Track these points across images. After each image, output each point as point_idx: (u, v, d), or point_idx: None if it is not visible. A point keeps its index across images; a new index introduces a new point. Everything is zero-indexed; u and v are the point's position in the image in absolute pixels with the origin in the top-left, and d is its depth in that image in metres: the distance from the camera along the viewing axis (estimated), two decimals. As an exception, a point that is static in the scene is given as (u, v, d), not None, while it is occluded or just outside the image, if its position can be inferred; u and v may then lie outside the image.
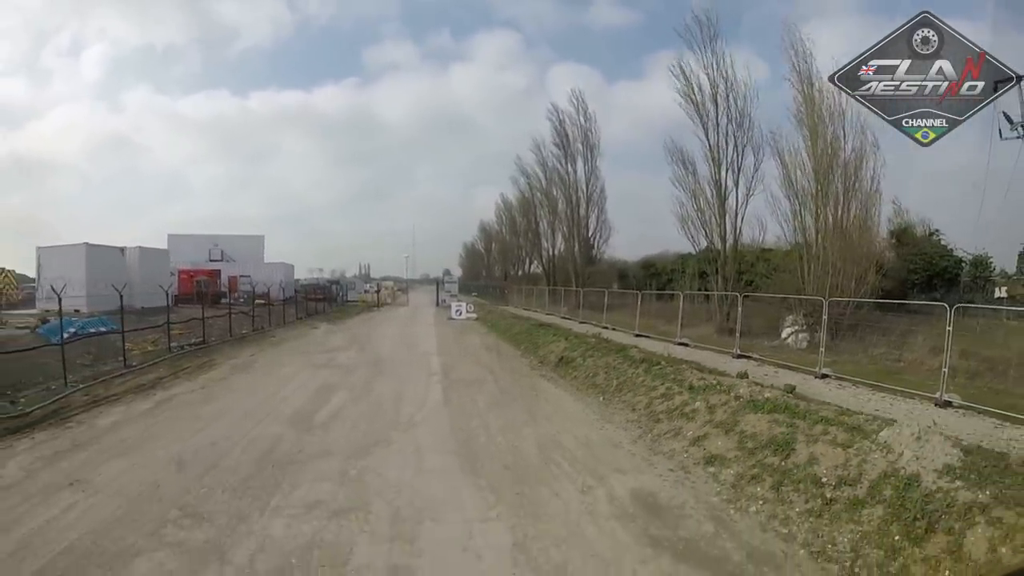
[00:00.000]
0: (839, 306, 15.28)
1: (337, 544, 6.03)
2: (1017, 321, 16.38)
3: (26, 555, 5.76)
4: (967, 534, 5.47)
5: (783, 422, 8.40)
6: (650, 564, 5.74)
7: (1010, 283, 22.62)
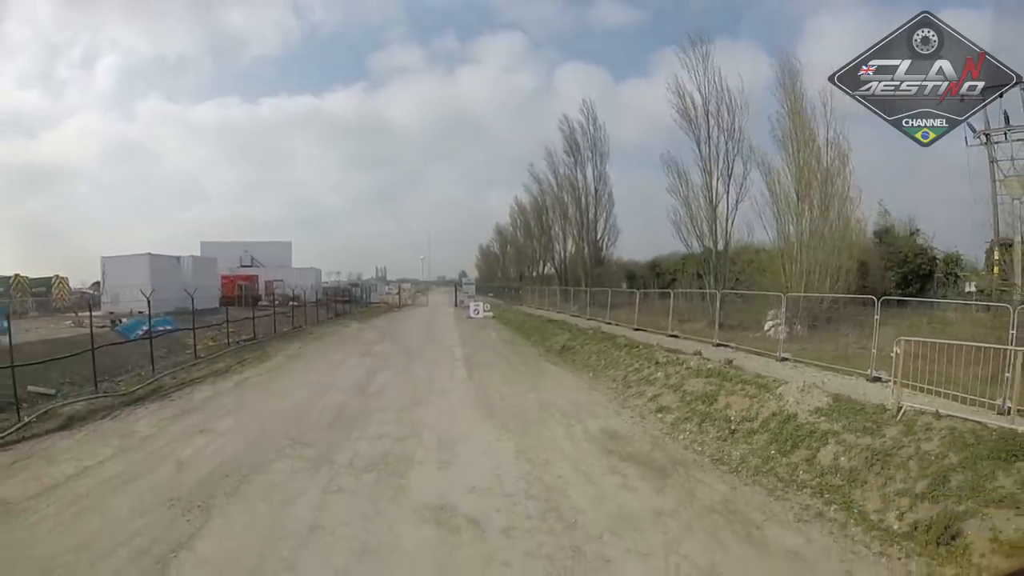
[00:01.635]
0: (812, 301, 17.19)
1: (403, 453, 9.46)
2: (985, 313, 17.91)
3: (189, 469, 9.00)
4: (820, 450, 8.65)
5: (714, 383, 11.71)
6: (603, 462, 9.08)
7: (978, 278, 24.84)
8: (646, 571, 5.71)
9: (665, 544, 6.27)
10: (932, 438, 7.67)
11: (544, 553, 6.06)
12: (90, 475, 8.72)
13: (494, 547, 6.22)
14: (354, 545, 6.26)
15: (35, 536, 6.56)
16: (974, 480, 6.60)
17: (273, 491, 7.85)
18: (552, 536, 6.44)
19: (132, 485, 8.24)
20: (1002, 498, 6.18)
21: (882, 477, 7.46)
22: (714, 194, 25.55)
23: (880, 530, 6.60)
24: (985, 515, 6.08)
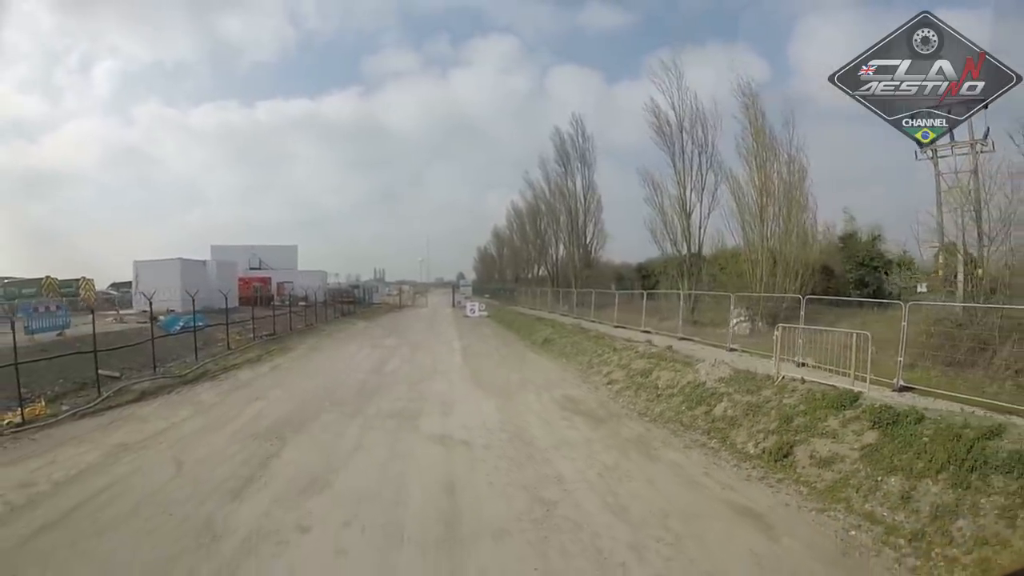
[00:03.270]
0: (775, 300, 19.39)
1: (414, 409, 12.90)
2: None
3: (257, 420, 12.29)
4: (716, 406, 11.98)
5: (652, 362, 15.16)
6: (558, 414, 12.51)
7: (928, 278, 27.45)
8: (572, 466, 9.05)
9: (588, 454, 9.65)
10: (793, 396, 10.97)
11: (508, 456, 9.46)
12: (181, 427, 12.00)
13: (477, 454, 9.61)
14: (386, 454, 9.66)
15: (164, 457, 9.81)
16: (810, 421, 9.87)
17: (325, 430, 11.25)
18: (515, 449, 9.84)
19: (219, 431, 11.55)
20: (824, 432, 9.46)
21: (751, 421, 10.78)
22: (687, 203, 27.56)
23: (740, 453, 9.92)
24: (810, 442, 9.36)
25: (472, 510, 7.28)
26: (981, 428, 7.58)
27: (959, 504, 6.64)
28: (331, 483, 8.29)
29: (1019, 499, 6.33)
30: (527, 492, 7.89)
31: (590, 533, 6.62)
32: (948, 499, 6.79)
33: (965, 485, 6.87)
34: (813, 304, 16.25)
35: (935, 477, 7.23)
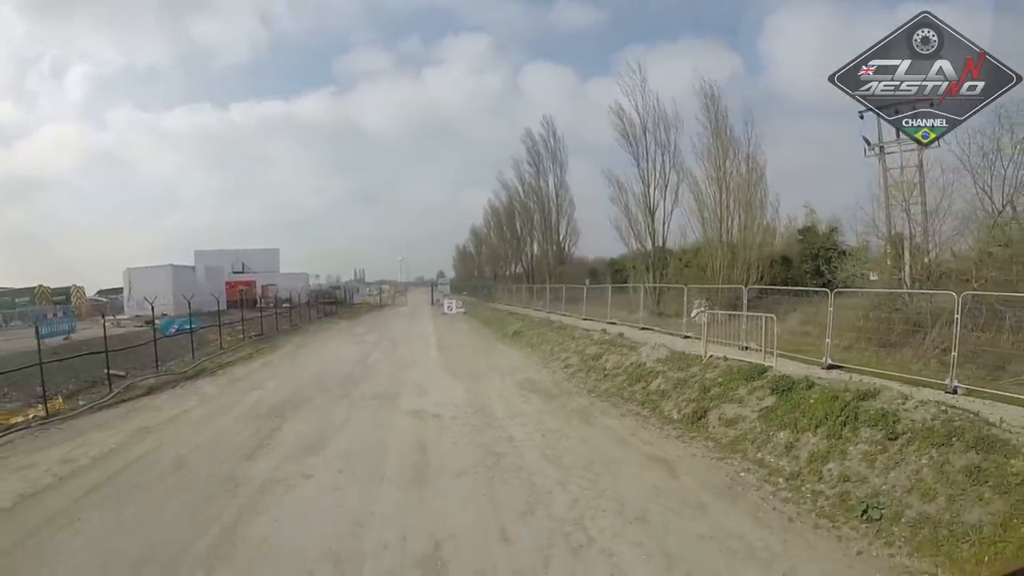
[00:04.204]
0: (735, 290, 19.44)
1: (394, 391, 14.82)
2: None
3: (258, 405, 14.07)
4: (652, 382, 14.00)
5: (603, 348, 17.19)
6: (518, 393, 14.48)
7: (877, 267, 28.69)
8: (522, 430, 10.99)
9: (538, 422, 11.62)
10: (715, 372, 12.97)
11: (471, 424, 11.44)
12: (192, 413, 13.74)
13: (445, 423, 11.57)
14: (370, 425, 11.60)
15: (182, 435, 11.61)
16: (724, 391, 11.84)
17: (318, 409, 13.10)
18: (477, 419, 11.80)
19: (225, 414, 13.34)
20: (734, 399, 11.43)
21: (678, 393, 12.77)
22: (651, 201, 28.73)
23: (665, 419, 11.91)
24: (721, 407, 11.33)
25: (438, 460, 9.23)
26: (858, 392, 9.37)
27: (830, 451, 8.49)
28: (326, 446, 10.19)
29: (879, 446, 8.17)
30: (483, 448, 9.85)
31: (528, 473, 8.59)
32: (822, 447, 8.66)
33: (837, 436, 8.69)
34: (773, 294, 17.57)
35: (815, 431, 9.10)
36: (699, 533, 6.68)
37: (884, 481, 7.43)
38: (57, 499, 8.14)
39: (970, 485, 6.63)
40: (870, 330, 12.82)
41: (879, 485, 7.41)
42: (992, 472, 6.59)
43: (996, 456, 6.76)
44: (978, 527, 6.07)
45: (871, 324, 12.96)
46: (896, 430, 8.09)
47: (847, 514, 7.14)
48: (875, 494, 7.28)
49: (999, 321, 11.10)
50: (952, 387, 9.17)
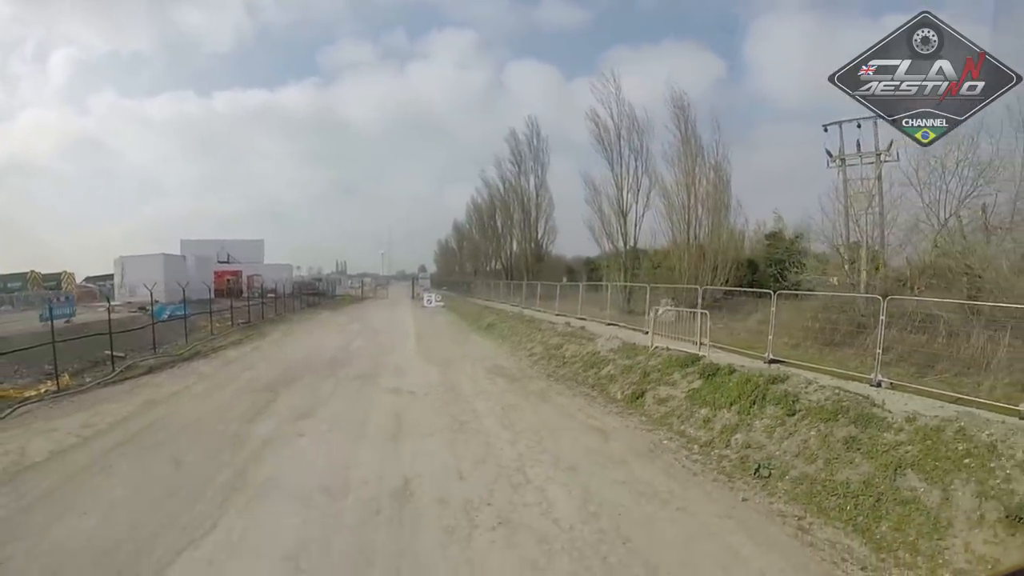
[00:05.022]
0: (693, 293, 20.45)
1: (375, 373, 16.44)
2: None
3: (253, 382, 15.65)
4: (604, 368, 15.77)
5: (564, 339, 18.96)
6: (485, 377, 16.19)
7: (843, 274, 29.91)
8: (485, 405, 12.69)
9: (499, 399, 13.33)
10: (657, 360, 14.75)
11: (441, 399, 13.14)
12: (193, 388, 15.25)
13: (419, 398, 13.26)
14: (353, 398, 13.26)
15: (188, 406, 13.16)
16: (661, 376, 13.64)
17: (307, 386, 14.71)
18: (447, 396, 13.51)
19: (224, 389, 14.89)
20: (668, 382, 13.19)
21: (624, 377, 14.53)
22: (624, 204, 29.69)
23: (610, 398, 13.68)
24: (656, 389, 13.11)
25: (411, 425, 10.95)
26: (770, 377, 11.06)
27: (739, 424, 10.24)
28: (315, 413, 11.85)
29: (779, 421, 9.88)
30: (450, 417, 11.58)
31: (485, 435, 10.32)
32: (734, 421, 10.40)
33: (747, 412, 10.40)
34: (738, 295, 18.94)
35: (729, 408, 10.80)
36: (616, 480, 8.42)
37: (778, 448, 9.12)
38: (86, 454, 9.62)
39: (845, 452, 8.24)
40: (817, 330, 13.90)
41: (773, 451, 9.10)
42: (865, 442, 8.18)
43: (871, 430, 8.32)
44: (846, 484, 7.70)
45: (818, 325, 14.04)
46: (795, 408, 9.72)
47: (743, 472, 8.84)
48: (769, 458, 8.96)
49: (934, 325, 12.02)
50: (876, 381, 10.17)
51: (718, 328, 15.76)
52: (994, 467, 6.51)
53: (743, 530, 6.95)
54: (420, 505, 7.25)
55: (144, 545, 6.21)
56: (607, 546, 6.28)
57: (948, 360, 11.17)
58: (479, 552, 6.08)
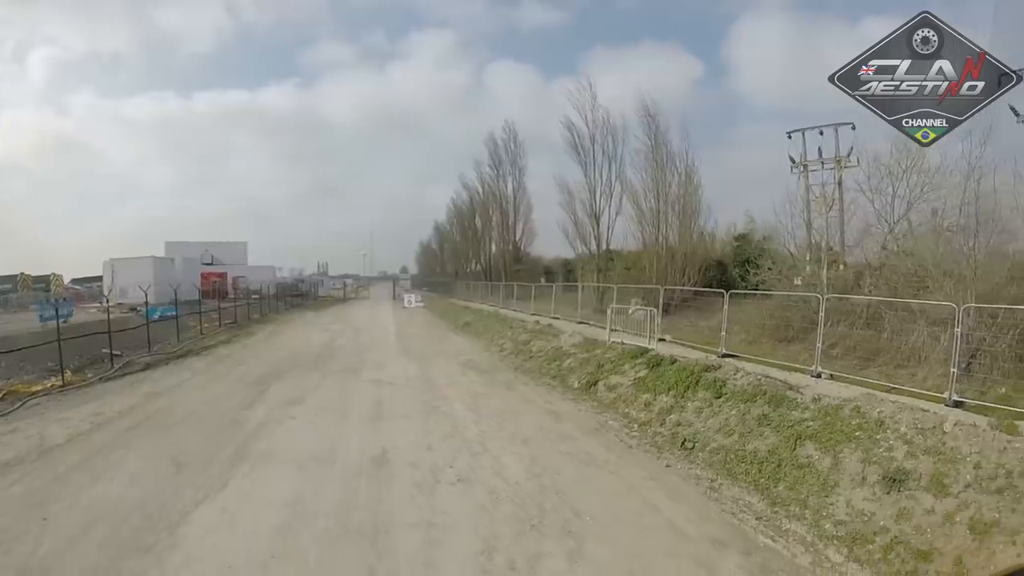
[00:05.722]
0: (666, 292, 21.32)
1: (358, 367, 17.88)
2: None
3: (245, 376, 16.95)
4: (566, 361, 17.32)
5: (532, 335, 20.52)
6: (459, 370, 17.69)
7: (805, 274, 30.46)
8: (456, 393, 14.19)
9: (469, 388, 14.83)
10: (612, 353, 16.30)
11: (418, 389, 14.63)
12: (190, 381, 16.51)
13: (397, 388, 14.73)
14: (338, 388, 14.68)
15: (187, 396, 14.47)
16: (614, 367, 15.18)
17: (295, 379, 16.09)
18: (423, 386, 14.99)
19: (219, 382, 16.21)
20: (619, 372, 14.74)
21: (582, 368, 16.06)
22: (597, 208, 30.37)
23: (568, 387, 15.20)
24: (607, 377, 14.64)
25: (389, 409, 12.43)
26: (704, 366, 12.64)
27: (674, 407, 11.79)
28: (304, 400, 13.29)
29: (707, 403, 11.29)
30: (424, 403, 13.07)
31: (453, 418, 11.81)
32: (670, 404, 11.94)
33: (682, 396, 11.96)
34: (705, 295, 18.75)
35: (667, 393, 12.36)
36: (561, 451, 9.95)
37: (704, 425, 10.66)
38: (102, 436, 10.91)
39: (758, 427, 9.75)
40: (773, 327, 14.74)
41: (700, 427, 10.63)
42: (775, 419, 9.66)
43: (782, 409, 9.80)
44: (754, 453, 9.23)
45: (774, 322, 14.92)
46: (722, 392, 11.26)
47: (671, 445, 10.38)
48: (695, 433, 10.48)
49: (880, 322, 12.77)
50: (816, 372, 10.90)
51: (685, 326, 17.23)
52: (879, 438, 7.84)
53: (662, 488, 8.47)
54: (395, 468, 8.74)
55: (167, 500, 7.60)
56: (544, 497, 7.79)
57: (890, 354, 11.85)
58: (440, 500, 7.59)
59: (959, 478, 6.60)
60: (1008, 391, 8.94)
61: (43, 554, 6.22)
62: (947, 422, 7.51)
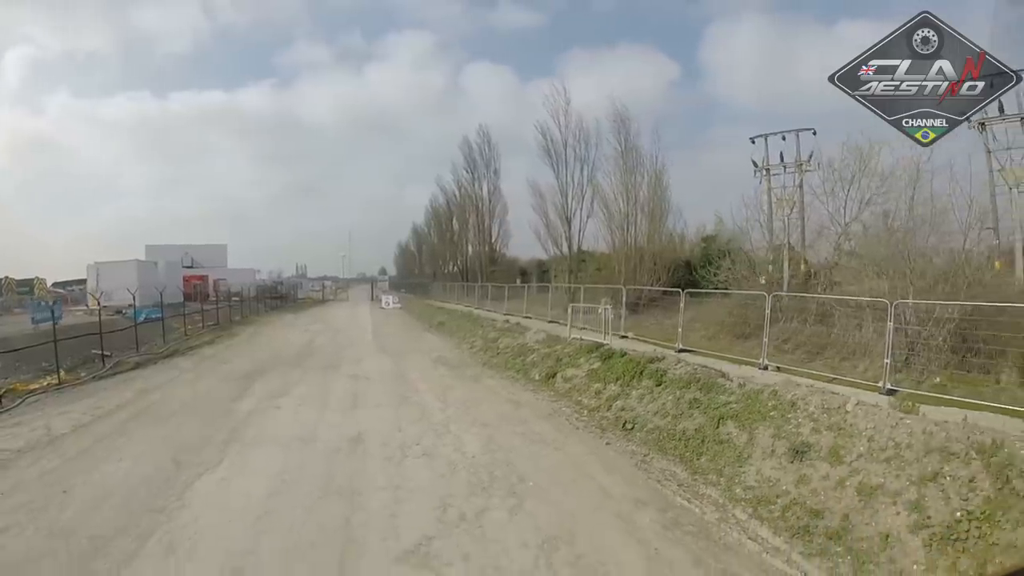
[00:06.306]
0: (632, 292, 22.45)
1: (337, 363, 19.09)
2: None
3: (231, 373, 18.03)
4: (529, 356, 18.68)
5: (500, 332, 21.88)
6: (431, 365, 18.99)
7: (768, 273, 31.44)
8: (427, 386, 15.48)
9: (439, 381, 16.13)
10: (571, 348, 17.65)
11: (392, 382, 15.90)
12: (179, 378, 17.57)
13: (373, 382, 15.98)
14: (319, 382, 15.92)
15: (179, 391, 15.56)
16: (571, 360, 16.51)
17: (279, 375, 17.25)
18: (397, 380, 16.26)
19: (207, 378, 17.31)
20: (575, 365, 16.07)
21: (543, 362, 17.39)
22: (569, 210, 30.70)
23: (530, 380, 16.52)
24: (565, 371, 15.96)
25: (365, 399, 13.70)
26: (650, 358, 13.96)
27: (621, 394, 13.13)
28: (289, 393, 14.51)
29: (649, 390, 12.64)
30: (397, 394, 14.36)
31: (423, 406, 13.12)
32: (616, 392, 13.28)
33: (627, 385, 13.30)
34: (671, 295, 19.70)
35: (616, 382, 13.70)
36: (516, 432, 11.28)
37: (644, 409, 11.98)
38: (104, 426, 12.01)
39: (689, 410, 11.04)
40: (731, 324, 15.29)
41: (640, 411, 11.96)
42: (705, 403, 10.94)
43: (712, 394, 11.05)
44: (683, 431, 10.56)
45: (732, 319, 15.45)
46: (662, 380, 12.51)
47: (614, 427, 11.72)
48: (635, 416, 11.80)
49: (830, 318, 13.19)
50: (763, 365, 11.60)
51: (651, 323, 18.15)
52: (790, 417, 9.03)
53: (599, 462, 9.82)
54: (369, 446, 10.06)
55: (171, 474, 8.82)
56: (495, 467, 9.14)
57: (837, 348, 12.30)
58: (407, 469, 8.92)
59: (853, 449, 7.65)
60: (943, 380, 9.62)
61: (69, 517, 7.37)
62: (849, 403, 8.59)
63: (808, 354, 12.52)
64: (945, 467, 6.51)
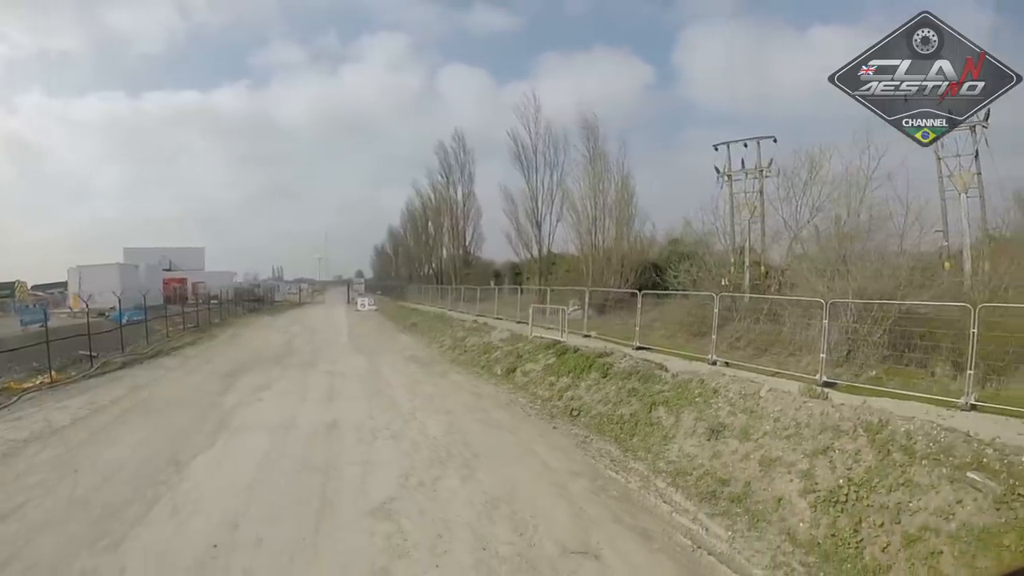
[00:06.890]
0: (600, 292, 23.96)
1: (314, 361, 20.29)
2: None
3: (214, 371, 19.06)
4: (493, 353, 20.03)
5: (468, 331, 23.24)
6: (403, 363, 20.28)
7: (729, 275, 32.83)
8: (398, 381, 16.74)
9: (409, 377, 17.42)
10: (531, 345, 19.04)
11: (366, 378, 17.14)
12: (166, 376, 18.58)
13: (348, 378, 17.20)
14: (298, 378, 17.10)
15: (167, 387, 16.66)
16: (531, 356, 17.84)
17: (260, 372, 18.39)
18: (370, 376, 17.51)
19: (193, 375, 18.39)
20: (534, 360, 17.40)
21: (506, 359, 18.71)
22: (539, 214, 32.74)
23: (493, 374, 17.84)
24: (524, 366, 17.28)
25: (340, 393, 14.96)
26: (600, 353, 15.28)
27: (571, 385, 14.39)
28: (270, 387, 15.71)
29: (596, 382, 13.86)
30: (371, 388, 15.64)
31: (394, 398, 14.41)
32: (568, 383, 14.57)
33: (577, 377, 14.53)
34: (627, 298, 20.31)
35: (568, 375, 14.93)
36: (475, 419, 12.60)
37: (591, 398, 13.31)
38: (101, 418, 13.07)
39: (628, 398, 12.28)
40: (688, 323, 16.26)
41: (587, 400, 13.30)
42: (642, 391, 12.18)
43: (649, 384, 12.28)
44: (621, 416, 11.80)
45: (690, 319, 16.37)
46: (608, 373, 13.84)
47: (563, 414, 13.06)
48: (582, 404, 13.13)
49: (781, 316, 13.84)
50: (712, 360, 12.59)
51: (616, 323, 19.02)
52: (712, 402, 10.24)
53: (545, 442, 11.15)
54: (343, 431, 11.35)
55: (169, 456, 9.98)
56: (454, 445, 10.47)
57: (784, 344, 13.03)
58: (376, 448, 10.24)
59: (761, 428, 8.79)
60: (879, 373, 10.44)
61: (81, 492, 8.49)
62: (763, 389, 9.80)
63: (758, 350, 13.39)
64: (836, 442, 7.46)
